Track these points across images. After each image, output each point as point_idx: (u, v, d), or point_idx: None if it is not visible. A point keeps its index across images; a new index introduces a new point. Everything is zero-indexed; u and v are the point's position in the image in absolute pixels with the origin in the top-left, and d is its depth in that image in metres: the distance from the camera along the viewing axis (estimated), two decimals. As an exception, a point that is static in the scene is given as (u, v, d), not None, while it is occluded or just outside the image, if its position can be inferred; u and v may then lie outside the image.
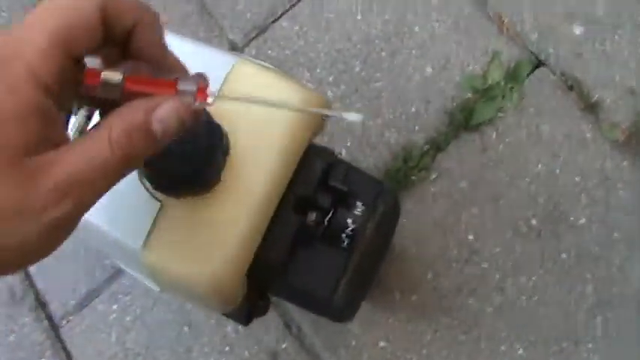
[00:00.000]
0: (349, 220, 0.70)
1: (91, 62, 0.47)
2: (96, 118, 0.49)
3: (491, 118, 1.10)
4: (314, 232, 0.69)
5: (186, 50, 0.62)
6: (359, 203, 0.71)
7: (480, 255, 1.03)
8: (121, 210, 0.65)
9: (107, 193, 0.45)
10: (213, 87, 0.51)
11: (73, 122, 0.52)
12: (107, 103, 0.45)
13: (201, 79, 0.47)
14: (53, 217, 0.41)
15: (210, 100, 0.47)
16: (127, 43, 0.47)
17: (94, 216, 0.59)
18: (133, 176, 0.64)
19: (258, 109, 0.66)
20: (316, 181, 0.69)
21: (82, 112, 0.50)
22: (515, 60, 1.13)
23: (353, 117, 0.49)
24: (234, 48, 1.20)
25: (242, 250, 0.64)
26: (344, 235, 0.70)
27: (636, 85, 1.11)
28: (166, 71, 0.49)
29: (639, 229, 1.04)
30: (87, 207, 0.43)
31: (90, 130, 0.45)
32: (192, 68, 0.60)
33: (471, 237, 1.05)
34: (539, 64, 1.13)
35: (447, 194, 1.07)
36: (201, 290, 0.64)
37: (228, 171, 0.64)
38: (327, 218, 0.70)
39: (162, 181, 0.62)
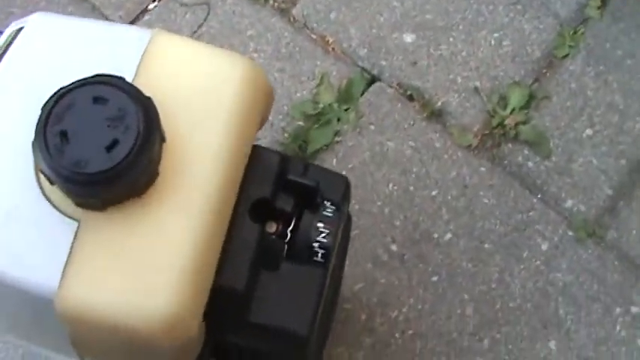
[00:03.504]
0: (320, 225, 0.54)
1: None
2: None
3: (328, 144, 0.98)
4: (276, 248, 0.53)
5: (93, 32, 0.53)
6: (327, 203, 0.55)
7: (340, 296, 0.89)
8: (23, 243, 0.46)
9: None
10: (130, 66, 0.47)
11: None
12: None
13: None
14: None
15: None
16: None
17: None
18: (34, 192, 0.47)
19: (196, 79, 0.51)
20: (273, 177, 0.54)
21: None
22: (346, 79, 1.02)
23: None
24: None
25: (200, 272, 0.47)
26: (317, 245, 0.54)
27: (480, 84, 1.01)
28: None
29: (511, 236, 0.92)
30: None
31: None
32: (104, 50, 0.52)
33: (326, 277, 0.90)
34: (373, 79, 1.02)
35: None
36: (151, 335, 0.45)
37: (165, 164, 0.48)
38: (289, 229, 0.54)
39: (76, 187, 0.45)
